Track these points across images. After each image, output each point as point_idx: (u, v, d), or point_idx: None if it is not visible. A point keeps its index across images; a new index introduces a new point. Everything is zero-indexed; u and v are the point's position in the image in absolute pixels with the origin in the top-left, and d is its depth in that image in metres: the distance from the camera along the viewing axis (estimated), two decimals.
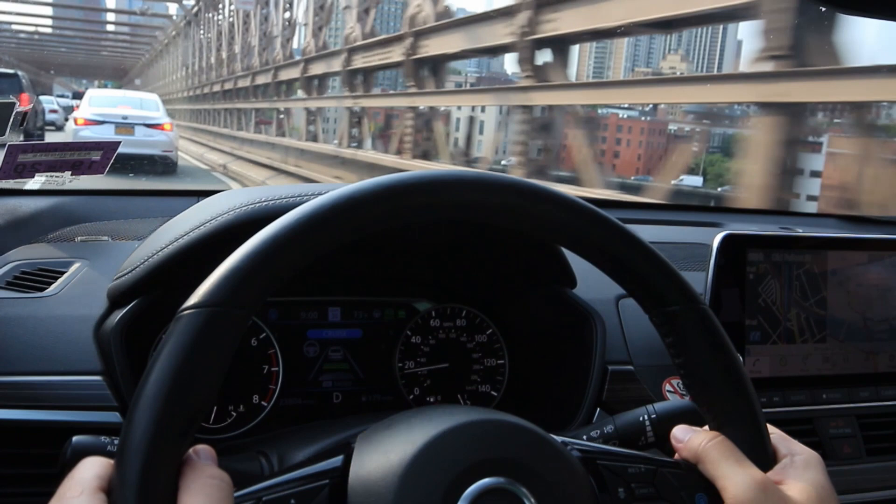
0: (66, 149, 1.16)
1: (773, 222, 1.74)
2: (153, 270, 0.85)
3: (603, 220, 0.63)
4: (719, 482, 0.60)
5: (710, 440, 0.62)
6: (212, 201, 0.90)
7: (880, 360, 1.16)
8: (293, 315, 1.05)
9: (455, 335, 1.09)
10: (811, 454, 0.64)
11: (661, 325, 0.64)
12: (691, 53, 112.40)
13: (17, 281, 0.99)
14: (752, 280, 1.08)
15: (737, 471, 0.60)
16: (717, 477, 0.60)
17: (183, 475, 0.51)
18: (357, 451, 0.58)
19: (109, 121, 11.85)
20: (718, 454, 0.61)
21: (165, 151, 12.53)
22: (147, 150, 11.84)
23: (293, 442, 0.75)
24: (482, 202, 0.61)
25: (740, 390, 0.63)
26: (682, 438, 0.65)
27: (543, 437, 0.60)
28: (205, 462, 0.53)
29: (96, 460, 0.53)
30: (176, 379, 0.50)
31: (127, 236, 1.25)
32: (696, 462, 0.63)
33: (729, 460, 0.60)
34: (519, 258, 1.02)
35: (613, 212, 0.66)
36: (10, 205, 1.28)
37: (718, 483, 0.60)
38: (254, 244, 0.55)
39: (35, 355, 0.84)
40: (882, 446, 1.11)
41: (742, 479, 0.59)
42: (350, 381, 1.06)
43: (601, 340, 0.98)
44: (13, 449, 0.78)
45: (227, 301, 0.53)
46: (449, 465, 0.55)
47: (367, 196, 0.58)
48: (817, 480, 0.61)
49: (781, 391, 1.09)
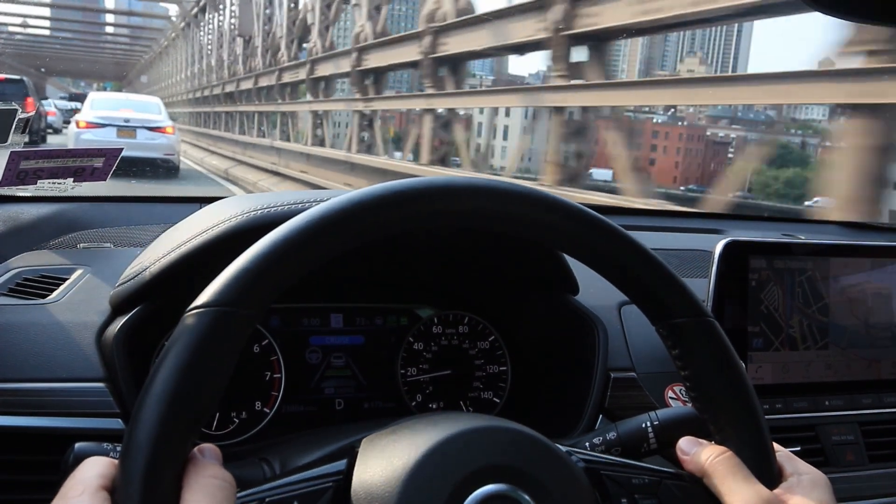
0: (68, 155, 1.17)
1: (775, 229, 1.74)
2: (155, 277, 0.85)
3: (610, 230, 0.63)
4: (726, 498, 0.60)
5: (717, 455, 0.62)
6: (214, 208, 0.90)
7: (883, 367, 1.16)
8: (295, 322, 1.05)
9: (457, 342, 1.09)
10: (818, 474, 0.63)
11: (668, 337, 0.64)
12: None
13: (20, 288, 0.99)
14: (754, 287, 1.08)
15: (743, 487, 0.59)
16: (723, 493, 0.60)
17: (187, 474, 0.51)
18: (361, 456, 0.58)
19: (111, 124, 11.87)
20: (726, 470, 0.61)
21: (167, 155, 12.50)
22: (149, 153, 11.83)
23: (295, 448, 0.75)
24: (488, 210, 0.61)
25: (746, 406, 0.63)
26: (689, 451, 0.65)
27: (546, 445, 0.60)
28: (209, 461, 0.54)
29: (98, 460, 0.53)
30: (183, 377, 0.51)
31: (129, 243, 1.25)
32: (702, 476, 0.63)
33: (736, 476, 0.60)
34: (521, 265, 1.02)
35: (616, 218, 0.66)
36: (12, 212, 1.28)
37: (725, 499, 0.60)
38: (263, 246, 0.55)
39: (37, 362, 0.84)
40: (885, 453, 1.11)
41: (749, 496, 0.59)
42: (352, 387, 1.06)
43: (604, 347, 0.98)
44: (15, 456, 0.78)
45: (236, 301, 0.53)
46: (452, 472, 0.55)
47: (376, 201, 0.58)
48: (824, 501, 0.61)
49: (784, 398, 1.08)
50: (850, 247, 1.16)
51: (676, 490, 0.63)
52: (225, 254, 0.58)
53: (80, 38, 57.50)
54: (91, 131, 11.55)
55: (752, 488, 0.59)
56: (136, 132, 12.06)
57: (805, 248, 1.12)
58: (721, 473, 0.61)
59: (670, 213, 2.50)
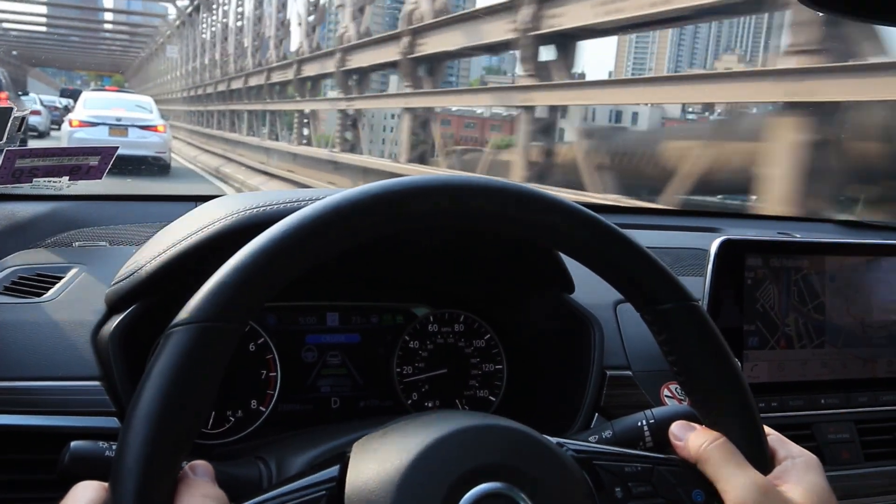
0: (63, 154, 1.16)
1: (771, 227, 1.74)
2: (151, 276, 0.85)
3: (592, 221, 0.63)
4: (720, 484, 0.60)
5: (710, 442, 0.62)
6: (209, 206, 0.90)
7: (878, 365, 1.16)
8: (291, 320, 1.04)
9: (453, 340, 1.09)
10: (810, 457, 0.64)
11: (653, 322, 0.64)
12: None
13: (15, 286, 0.99)
14: (750, 285, 1.08)
15: (737, 474, 0.60)
16: (717, 479, 0.60)
17: (178, 493, 0.51)
18: (353, 460, 0.58)
19: (104, 122, 12.07)
20: (719, 456, 0.61)
21: (158, 153, 12.58)
22: (140, 151, 11.94)
23: (292, 447, 0.75)
24: (472, 208, 0.61)
25: (734, 386, 0.63)
26: (681, 437, 0.65)
27: (540, 441, 0.60)
28: (201, 479, 0.53)
29: (89, 485, 0.53)
30: (168, 396, 0.50)
31: (124, 241, 1.25)
32: (696, 462, 0.63)
33: (730, 463, 0.60)
34: (517, 263, 1.01)
35: (612, 217, 0.66)
36: (8, 210, 1.27)
37: (719, 485, 0.60)
38: (242, 257, 0.54)
39: (33, 361, 0.83)
40: (880, 451, 1.11)
41: (743, 482, 0.59)
42: (348, 386, 1.06)
43: (599, 345, 0.98)
44: (11, 454, 0.78)
45: (217, 316, 0.52)
46: (446, 472, 0.55)
47: (365, 202, 0.57)
48: (818, 483, 0.61)
49: (780, 397, 1.09)
50: (846, 245, 1.16)
51: (670, 476, 0.63)
52: (220, 252, 0.58)
53: (76, 34, 56.71)
54: (84, 130, 11.80)
55: (746, 475, 0.59)
56: (127, 130, 12.26)
57: (801, 247, 1.12)
58: (715, 460, 0.61)
59: (666, 212, 2.50)
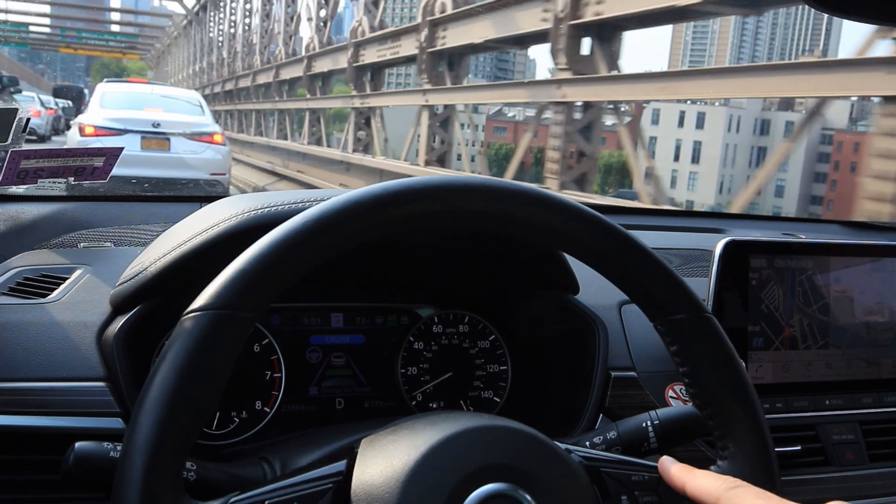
0: (68, 154, 1.16)
1: (775, 228, 1.74)
2: (156, 277, 0.85)
3: (609, 229, 0.63)
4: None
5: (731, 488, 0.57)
6: (215, 207, 0.90)
7: (883, 366, 1.16)
8: (296, 321, 1.05)
9: (458, 341, 1.09)
10: None
11: (666, 333, 0.64)
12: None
13: (20, 287, 0.99)
14: (754, 286, 1.08)
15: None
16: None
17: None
18: (360, 456, 0.58)
19: (133, 129, 7.84)
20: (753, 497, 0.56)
21: (215, 174, 8.25)
22: (189, 172, 8.08)
23: (296, 448, 0.75)
24: (487, 210, 0.61)
25: (745, 402, 0.63)
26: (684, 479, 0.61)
27: (547, 444, 0.60)
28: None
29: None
30: (181, 380, 0.51)
31: (129, 242, 1.25)
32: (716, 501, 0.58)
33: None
34: (522, 264, 1.01)
35: (616, 217, 0.66)
36: (13, 211, 1.28)
37: None
38: (261, 247, 0.55)
39: (37, 361, 0.84)
40: (885, 452, 1.11)
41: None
42: (352, 387, 1.06)
43: (604, 346, 0.98)
44: (15, 455, 0.78)
45: (234, 304, 0.53)
46: (452, 471, 0.55)
47: (375, 201, 0.58)
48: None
49: (784, 398, 1.08)
50: (851, 246, 1.16)
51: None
52: (225, 253, 0.58)
53: (84, 34, 56.15)
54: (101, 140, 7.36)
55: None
56: (169, 142, 8.10)
57: (806, 248, 1.12)
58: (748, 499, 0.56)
59: (671, 213, 2.50)
